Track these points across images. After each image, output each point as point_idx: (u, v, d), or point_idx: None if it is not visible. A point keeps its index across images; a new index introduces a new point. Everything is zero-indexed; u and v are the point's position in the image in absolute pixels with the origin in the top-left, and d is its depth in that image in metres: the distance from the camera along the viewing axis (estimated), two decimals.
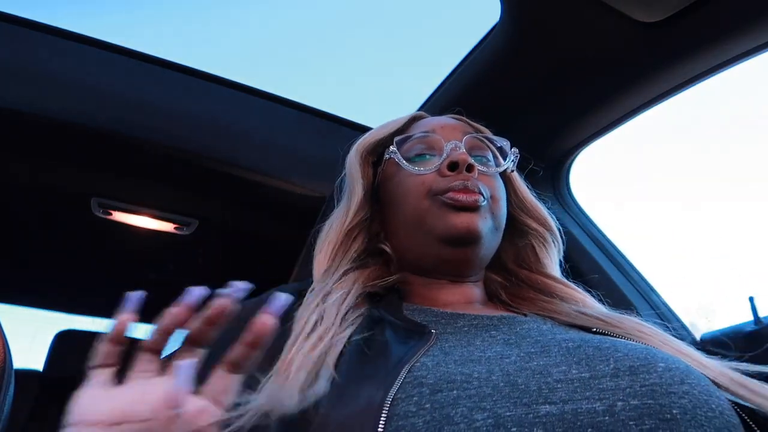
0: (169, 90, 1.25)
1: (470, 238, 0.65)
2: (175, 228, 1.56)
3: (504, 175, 0.76)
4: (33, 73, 1.13)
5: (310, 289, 0.65)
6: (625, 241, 1.25)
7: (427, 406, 0.43)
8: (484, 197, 0.66)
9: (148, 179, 1.38)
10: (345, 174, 0.80)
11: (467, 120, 0.80)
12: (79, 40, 1.20)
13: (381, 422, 0.43)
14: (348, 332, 0.56)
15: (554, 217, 0.79)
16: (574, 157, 1.19)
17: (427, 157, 0.71)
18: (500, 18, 0.97)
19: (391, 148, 0.73)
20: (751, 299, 1.07)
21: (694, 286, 1.24)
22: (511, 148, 0.76)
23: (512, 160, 0.75)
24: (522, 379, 0.46)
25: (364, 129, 1.41)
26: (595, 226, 1.26)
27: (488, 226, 0.67)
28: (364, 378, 0.49)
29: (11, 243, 1.75)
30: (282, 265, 1.42)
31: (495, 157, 0.75)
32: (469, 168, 0.67)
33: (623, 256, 1.25)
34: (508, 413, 0.42)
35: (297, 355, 0.52)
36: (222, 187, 1.36)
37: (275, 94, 1.36)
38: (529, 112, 1.10)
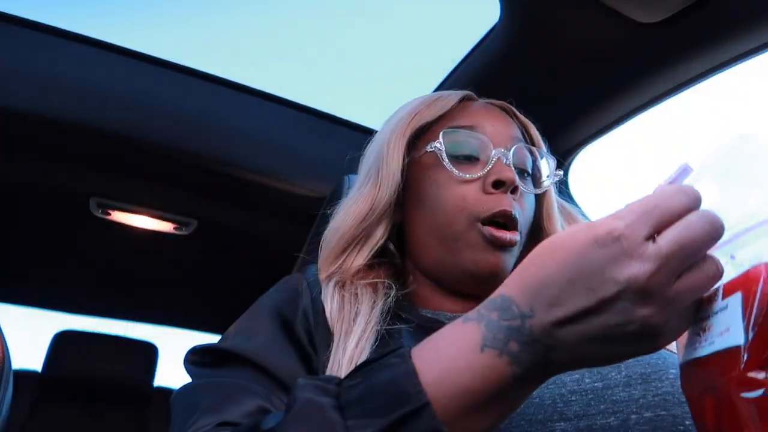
0: (169, 90, 1.25)
1: (496, 279, 0.60)
2: (174, 228, 1.56)
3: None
4: (33, 73, 1.13)
5: (333, 279, 0.62)
6: None
7: None
8: (520, 232, 0.62)
9: (147, 179, 1.38)
10: (366, 153, 0.72)
11: (516, 112, 0.74)
12: (79, 40, 1.20)
13: None
14: (377, 329, 0.56)
15: None
16: (574, 157, 1.19)
17: (473, 159, 0.64)
18: (500, 18, 0.97)
19: (437, 143, 0.64)
20: None
21: None
22: (556, 168, 0.69)
23: (552, 182, 0.69)
24: (536, 391, 0.45)
25: (363, 129, 1.41)
26: None
27: (515, 259, 0.62)
28: None
29: (11, 243, 1.75)
30: (281, 265, 1.42)
31: (535, 167, 0.69)
32: (514, 190, 0.62)
33: None
34: None
35: (354, 352, 0.52)
36: (222, 187, 1.36)
37: (275, 94, 1.36)
38: (528, 112, 1.10)
